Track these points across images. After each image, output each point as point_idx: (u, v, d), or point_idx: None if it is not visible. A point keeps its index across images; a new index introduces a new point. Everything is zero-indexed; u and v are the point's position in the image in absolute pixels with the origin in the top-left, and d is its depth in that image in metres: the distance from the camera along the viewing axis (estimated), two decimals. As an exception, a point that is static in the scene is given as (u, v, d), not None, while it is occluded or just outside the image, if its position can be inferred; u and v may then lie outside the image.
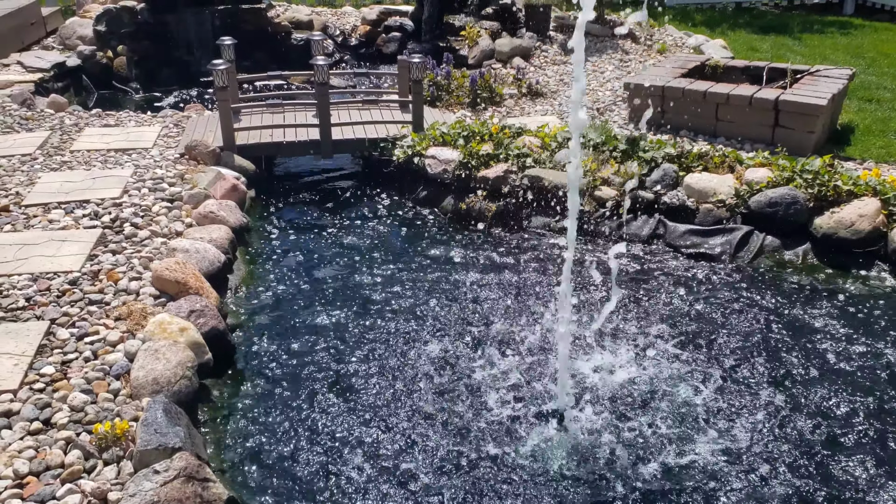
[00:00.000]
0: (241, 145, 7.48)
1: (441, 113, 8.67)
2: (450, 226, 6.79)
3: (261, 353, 4.98)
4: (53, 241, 5.54)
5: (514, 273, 5.92)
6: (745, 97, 7.60)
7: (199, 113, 8.79)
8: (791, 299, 5.48)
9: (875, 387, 4.55)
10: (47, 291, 4.91)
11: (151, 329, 4.48)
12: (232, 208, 6.37)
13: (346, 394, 4.58)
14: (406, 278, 5.88)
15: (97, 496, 3.42)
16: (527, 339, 5.03)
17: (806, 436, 4.17)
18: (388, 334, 5.16)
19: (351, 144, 7.79)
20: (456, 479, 3.89)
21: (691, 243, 6.17)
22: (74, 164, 7.04)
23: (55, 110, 8.74)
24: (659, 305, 5.41)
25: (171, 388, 4.09)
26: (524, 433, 4.19)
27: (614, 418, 4.29)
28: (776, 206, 5.99)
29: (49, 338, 4.46)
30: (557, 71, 10.31)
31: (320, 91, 7.39)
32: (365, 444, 4.15)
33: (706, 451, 4.03)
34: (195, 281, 5.05)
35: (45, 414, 3.86)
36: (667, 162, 6.59)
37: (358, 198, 7.40)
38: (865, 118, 8.39)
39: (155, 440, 3.62)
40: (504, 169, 6.77)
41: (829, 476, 3.89)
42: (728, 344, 4.97)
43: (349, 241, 6.53)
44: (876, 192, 5.92)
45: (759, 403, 4.42)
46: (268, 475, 3.96)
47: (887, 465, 3.95)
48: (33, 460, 3.57)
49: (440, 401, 4.47)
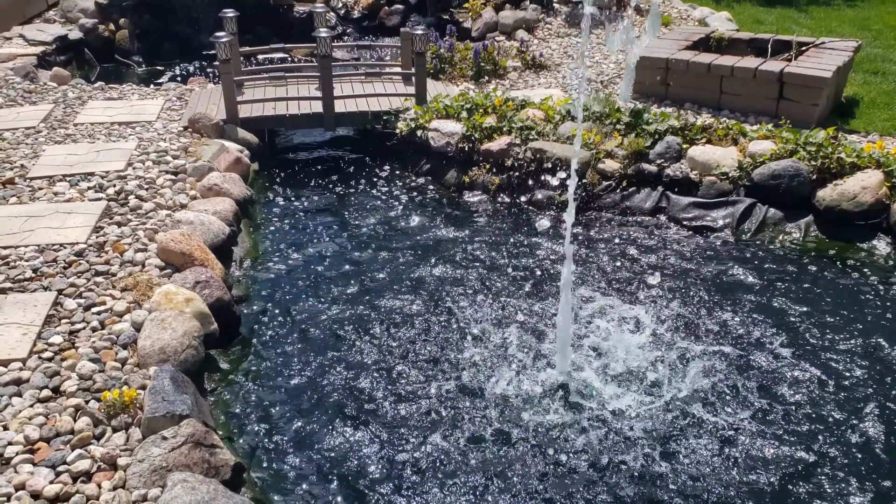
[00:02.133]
0: (245, 118, 7.48)
1: (444, 86, 8.65)
2: (453, 199, 6.80)
3: (265, 324, 5.03)
4: (59, 214, 5.57)
5: (516, 246, 5.94)
6: (749, 70, 7.56)
7: (202, 86, 8.77)
8: (792, 271, 5.51)
9: (870, 360, 4.59)
10: (54, 263, 4.95)
11: (158, 299, 4.53)
12: (236, 181, 6.39)
13: (350, 362, 4.63)
14: (409, 251, 5.91)
15: (107, 461, 3.49)
16: (524, 311, 5.07)
17: (809, 396, 4.22)
18: (392, 304, 5.20)
19: (354, 117, 7.78)
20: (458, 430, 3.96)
21: (694, 216, 6.18)
22: (78, 137, 7.06)
23: (58, 83, 8.73)
24: (658, 275, 5.44)
25: (177, 357, 4.14)
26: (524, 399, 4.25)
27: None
28: (779, 179, 5.99)
29: (56, 308, 4.51)
30: (561, 43, 10.25)
31: (323, 64, 7.37)
32: (370, 411, 4.21)
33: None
34: (200, 253, 5.09)
35: (54, 382, 3.92)
36: (670, 135, 6.58)
37: (361, 171, 7.41)
38: (870, 91, 8.35)
39: (162, 407, 3.68)
40: (507, 142, 6.77)
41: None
42: (724, 314, 5.01)
43: (352, 215, 6.55)
44: (879, 165, 5.91)
45: (754, 365, 4.48)
46: (273, 442, 4.02)
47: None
48: (43, 427, 3.64)
49: (439, 366, 4.52)
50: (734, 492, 3.67)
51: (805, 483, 3.72)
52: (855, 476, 3.75)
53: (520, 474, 3.78)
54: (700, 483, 3.72)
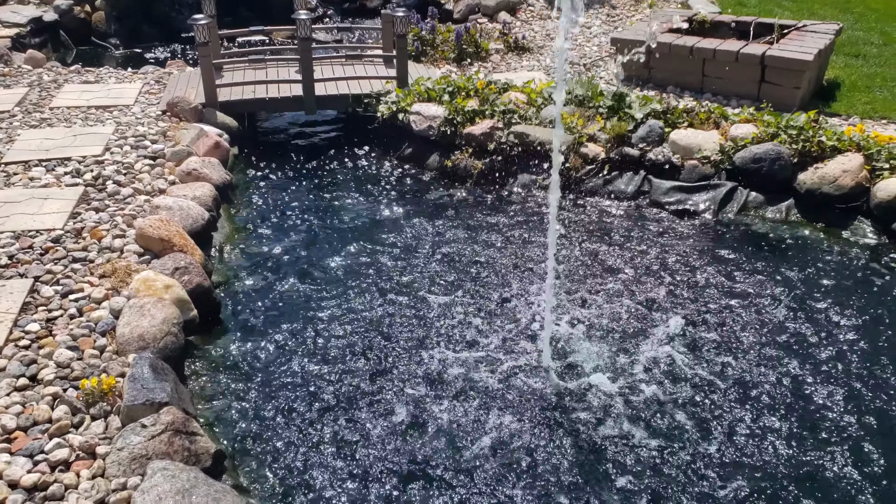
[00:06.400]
0: (224, 102, 7.39)
1: (426, 68, 8.58)
2: (435, 183, 6.77)
3: (246, 310, 4.99)
4: (35, 199, 5.48)
5: (499, 231, 5.92)
6: (731, 53, 7.56)
7: (180, 69, 8.66)
8: (771, 254, 5.54)
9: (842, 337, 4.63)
10: (30, 249, 4.87)
11: (136, 286, 4.47)
12: (215, 165, 6.32)
13: (331, 346, 4.61)
14: (390, 236, 5.88)
15: (85, 450, 3.45)
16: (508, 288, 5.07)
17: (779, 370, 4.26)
18: (373, 287, 5.17)
19: (335, 101, 7.71)
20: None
21: (676, 200, 6.19)
22: (54, 122, 6.94)
23: (33, 66, 8.58)
24: (637, 259, 5.45)
25: (157, 344, 4.10)
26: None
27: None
28: (760, 162, 6.01)
29: (33, 295, 4.44)
30: (544, 26, 10.20)
31: (303, 46, 7.29)
32: (351, 396, 4.19)
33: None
34: (179, 238, 5.03)
35: (31, 370, 3.87)
36: (653, 118, 6.57)
37: (342, 155, 7.35)
38: (852, 74, 8.38)
39: (142, 395, 3.64)
40: (490, 125, 6.73)
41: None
42: (699, 296, 5.03)
43: (333, 199, 6.50)
44: (860, 148, 5.94)
45: (721, 341, 4.51)
46: (255, 429, 4.00)
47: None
48: (20, 415, 3.59)
49: (418, 348, 4.52)
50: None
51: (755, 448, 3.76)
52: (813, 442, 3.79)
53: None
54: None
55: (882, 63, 8.74)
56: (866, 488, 3.59)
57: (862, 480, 3.64)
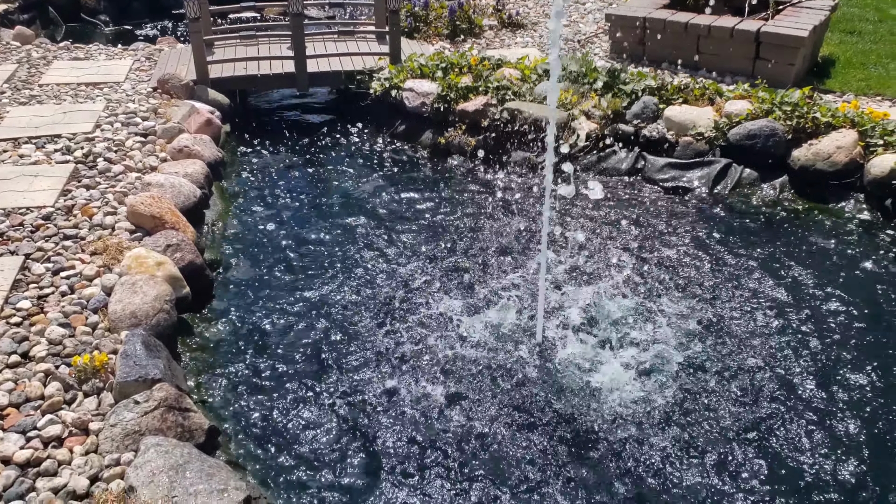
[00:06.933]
0: (215, 79, 7.32)
1: (419, 45, 8.51)
2: (428, 160, 6.73)
3: (238, 287, 4.98)
4: (25, 177, 5.44)
5: (493, 207, 5.91)
6: (726, 29, 7.50)
7: (171, 46, 8.57)
8: (765, 230, 5.54)
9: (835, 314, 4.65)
10: (20, 227, 4.84)
11: (128, 263, 4.45)
12: (207, 143, 6.27)
13: (324, 324, 4.60)
14: (383, 213, 5.86)
15: (78, 426, 3.45)
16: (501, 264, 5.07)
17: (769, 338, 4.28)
18: (365, 264, 5.16)
19: (327, 77, 7.64)
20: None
21: (670, 177, 6.17)
22: (44, 98, 6.87)
23: (21, 43, 8.48)
24: (630, 236, 5.45)
25: (149, 321, 4.08)
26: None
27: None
28: (755, 139, 5.99)
29: (24, 272, 4.42)
30: (539, 1, 10.11)
31: (295, 22, 7.21)
32: (344, 371, 4.19)
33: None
34: (171, 216, 5.00)
35: (22, 347, 3.85)
36: (647, 94, 6.54)
37: (334, 132, 7.31)
38: (846, 51, 8.33)
39: (135, 372, 3.63)
40: (483, 102, 6.69)
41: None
42: (690, 272, 5.03)
43: (325, 177, 6.47)
44: (854, 125, 5.92)
45: (708, 319, 4.52)
46: (247, 405, 4.00)
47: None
48: (13, 392, 3.58)
49: (409, 323, 4.52)
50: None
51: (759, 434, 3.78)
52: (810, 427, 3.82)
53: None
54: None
55: (877, 40, 8.69)
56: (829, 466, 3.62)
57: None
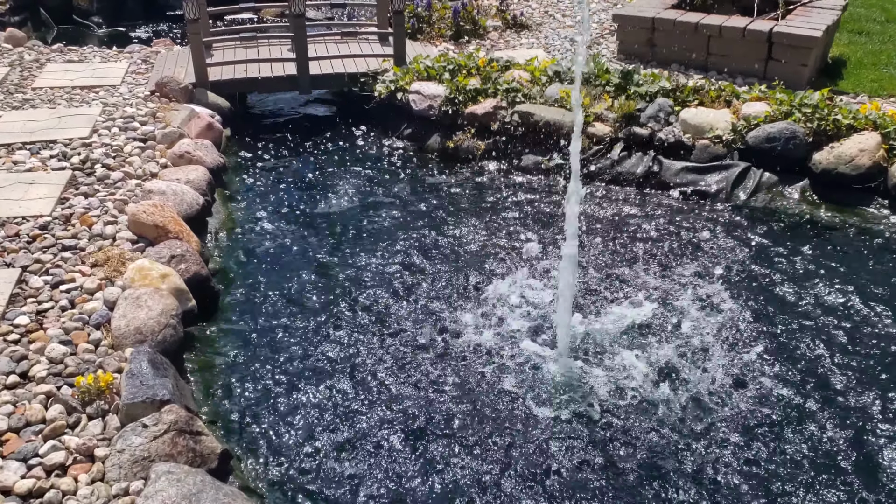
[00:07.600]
0: (215, 81, 7.10)
1: (422, 46, 8.33)
2: (437, 165, 6.54)
3: (245, 298, 4.77)
4: (20, 184, 5.21)
5: (505, 213, 5.72)
6: (738, 29, 7.36)
7: (168, 48, 8.35)
8: (788, 235, 5.37)
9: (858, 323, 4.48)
10: (16, 237, 4.61)
11: (131, 275, 4.24)
12: (208, 148, 6.05)
13: (334, 332, 4.40)
14: (391, 219, 5.66)
15: (83, 452, 3.23)
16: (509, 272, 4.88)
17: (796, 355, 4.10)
18: (375, 273, 4.96)
19: (330, 80, 7.44)
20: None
21: (687, 181, 6.00)
22: (38, 103, 6.64)
23: (13, 45, 8.24)
24: (650, 243, 5.27)
25: (155, 337, 3.87)
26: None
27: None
28: (774, 142, 5.82)
29: (21, 286, 4.19)
30: (542, 2, 9.95)
31: (296, 24, 7.02)
32: (361, 386, 3.99)
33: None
34: (175, 225, 4.79)
35: (21, 367, 3.63)
36: (662, 96, 6.36)
37: (338, 136, 7.10)
38: (857, 51, 8.21)
39: (141, 392, 3.42)
40: (493, 105, 6.50)
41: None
42: (714, 278, 4.86)
43: (330, 182, 6.27)
44: (876, 127, 5.76)
45: (734, 323, 4.35)
46: (260, 425, 3.79)
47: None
48: (12, 416, 3.35)
49: (423, 335, 4.32)
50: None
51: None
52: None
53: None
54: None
55: (886, 40, 8.57)
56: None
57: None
